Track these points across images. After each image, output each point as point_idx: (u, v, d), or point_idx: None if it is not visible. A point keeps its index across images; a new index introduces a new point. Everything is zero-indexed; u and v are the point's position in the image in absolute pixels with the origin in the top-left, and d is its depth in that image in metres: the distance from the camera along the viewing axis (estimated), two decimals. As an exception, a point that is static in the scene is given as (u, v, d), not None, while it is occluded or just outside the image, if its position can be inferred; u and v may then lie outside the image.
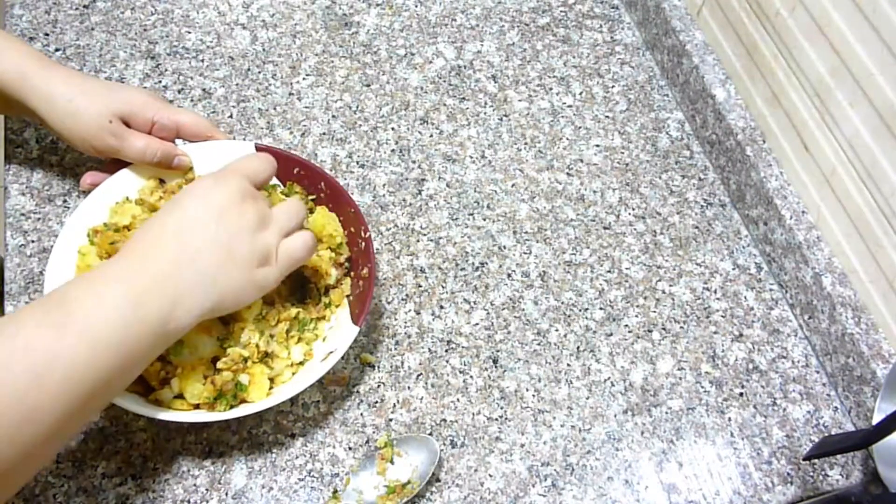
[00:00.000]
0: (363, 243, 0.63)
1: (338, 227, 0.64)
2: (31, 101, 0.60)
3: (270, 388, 0.58)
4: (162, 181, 0.65)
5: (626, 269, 0.73)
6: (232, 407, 0.56)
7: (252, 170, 0.55)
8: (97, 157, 0.64)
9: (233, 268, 0.51)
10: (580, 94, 0.84)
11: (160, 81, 0.78)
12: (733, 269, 0.74)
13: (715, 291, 0.73)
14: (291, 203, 0.57)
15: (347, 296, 0.64)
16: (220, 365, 0.56)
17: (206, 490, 0.58)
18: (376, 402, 0.63)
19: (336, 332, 0.61)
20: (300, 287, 0.64)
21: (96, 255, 0.60)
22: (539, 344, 0.68)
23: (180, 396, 0.56)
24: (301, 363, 0.60)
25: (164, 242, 0.50)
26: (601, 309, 0.70)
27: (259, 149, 0.65)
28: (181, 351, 0.55)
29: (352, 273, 0.65)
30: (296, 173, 0.66)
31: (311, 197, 0.66)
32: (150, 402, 0.56)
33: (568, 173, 0.78)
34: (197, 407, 0.56)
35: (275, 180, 0.66)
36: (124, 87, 0.65)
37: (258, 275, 0.52)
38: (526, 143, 0.80)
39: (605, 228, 0.75)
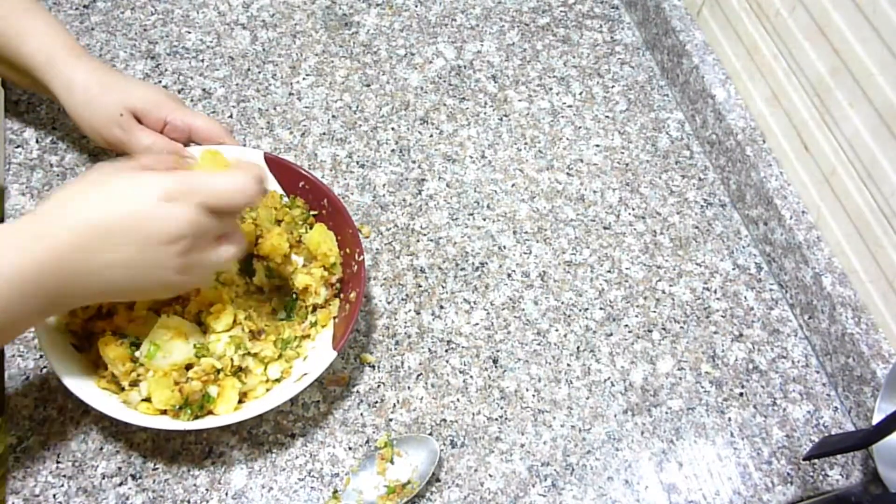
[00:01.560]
0: (356, 266, 0.62)
1: (333, 247, 0.63)
2: (53, 86, 0.62)
3: (242, 401, 0.57)
4: None
5: (626, 269, 0.73)
6: (197, 417, 0.55)
7: (218, 192, 0.50)
8: (108, 149, 0.66)
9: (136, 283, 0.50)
10: (580, 94, 0.84)
11: (160, 81, 0.78)
12: (733, 269, 0.74)
13: (715, 291, 0.73)
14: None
15: (334, 317, 0.63)
16: (190, 374, 0.55)
17: (206, 490, 0.58)
18: (376, 402, 0.63)
19: (317, 352, 0.61)
20: (288, 303, 0.64)
21: None
22: (539, 344, 0.68)
23: (148, 399, 0.55)
24: (277, 380, 0.59)
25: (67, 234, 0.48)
26: (601, 309, 0.70)
27: (268, 158, 0.65)
28: (154, 354, 0.55)
29: (341, 295, 0.64)
30: (301, 187, 0.66)
31: (312, 213, 0.66)
32: (118, 402, 0.55)
33: (568, 173, 0.78)
34: (164, 413, 0.55)
35: (280, 190, 0.66)
36: (144, 84, 0.65)
37: (175, 279, 0.51)
38: (526, 143, 0.80)
39: (605, 228, 0.75)
